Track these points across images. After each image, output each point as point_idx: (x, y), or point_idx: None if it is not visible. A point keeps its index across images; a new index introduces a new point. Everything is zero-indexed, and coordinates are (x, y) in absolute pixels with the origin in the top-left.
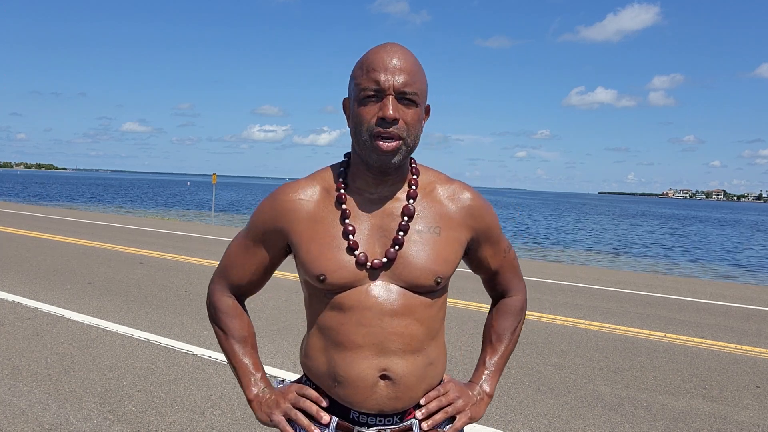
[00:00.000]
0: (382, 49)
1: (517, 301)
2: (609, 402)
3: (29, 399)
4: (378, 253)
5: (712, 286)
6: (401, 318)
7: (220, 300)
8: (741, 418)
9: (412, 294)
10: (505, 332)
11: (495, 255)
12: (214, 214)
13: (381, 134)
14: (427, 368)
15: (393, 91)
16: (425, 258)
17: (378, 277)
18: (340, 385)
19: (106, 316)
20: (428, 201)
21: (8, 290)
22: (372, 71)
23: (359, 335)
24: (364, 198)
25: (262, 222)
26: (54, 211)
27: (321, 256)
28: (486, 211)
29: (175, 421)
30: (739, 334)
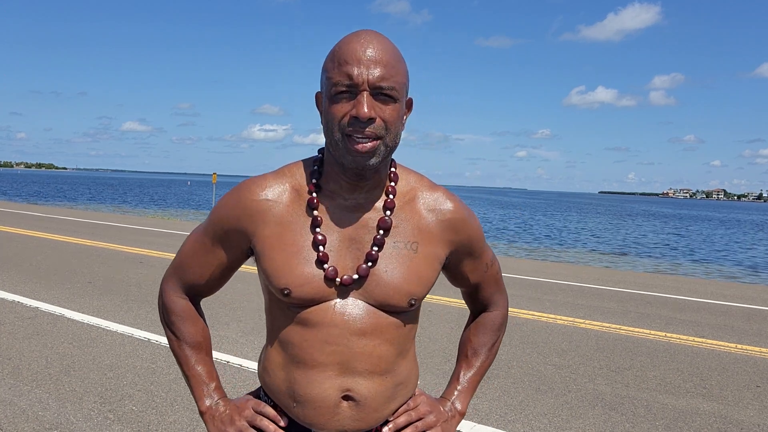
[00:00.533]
0: (355, 38)
1: (498, 316)
2: (609, 401)
3: (29, 398)
4: (349, 268)
5: (712, 285)
6: (369, 338)
7: (173, 301)
8: (741, 417)
9: (383, 313)
10: (482, 348)
11: (476, 269)
12: None
13: (355, 134)
14: (395, 389)
15: (368, 86)
16: (399, 277)
17: (348, 293)
18: (300, 405)
19: (106, 315)
20: (407, 212)
21: (8, 290)
22: (344, 64)
23: (323, 353)
24: (337, 204)
25: (223, 220)
26: (54, 211)
27: (286, 267)
28: (468, 223)
29: (176, 421)
30: (739, 334)
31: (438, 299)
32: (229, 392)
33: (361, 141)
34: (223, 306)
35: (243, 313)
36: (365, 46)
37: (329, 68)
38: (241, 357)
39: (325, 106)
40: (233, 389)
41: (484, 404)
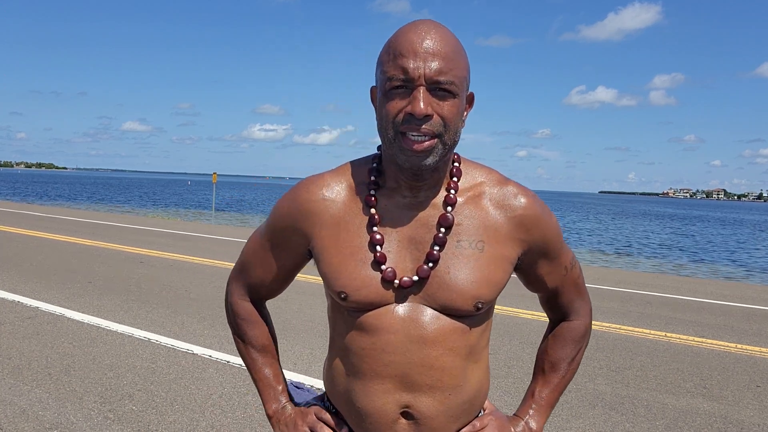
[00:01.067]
0: (412, 29)
1: (580, 326)
2: (609, 401)
3: (29, 398)
4: (408, 270)
5: (712, 285)
6: (432, 347)
7: (237, 304)
8: (741, 417)
9: (447, 318)
10: (562, 361)
11: (553, 272)
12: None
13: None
14: (461, 407)
15: (424, 80)
16: (464, 279)
17: (407, 297)
18: (358, 417)
19: (106, 315)
20: (472, 208)
21: (8, 289)
22: (399, 56)
23: (381, 363)
24: (395, 202)
25: (281, 221)
26: (54, 211)
27: (343, 269)
28: (542, 221)
29: (176, 421)
30: (739, 334)
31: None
32: (229, 393)
33: (416, 139)
34: (223, 306)
35: None
36: (422, 37)
37: (384, 61)
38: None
39: (380, 102)
40: (233, 389)
41: None
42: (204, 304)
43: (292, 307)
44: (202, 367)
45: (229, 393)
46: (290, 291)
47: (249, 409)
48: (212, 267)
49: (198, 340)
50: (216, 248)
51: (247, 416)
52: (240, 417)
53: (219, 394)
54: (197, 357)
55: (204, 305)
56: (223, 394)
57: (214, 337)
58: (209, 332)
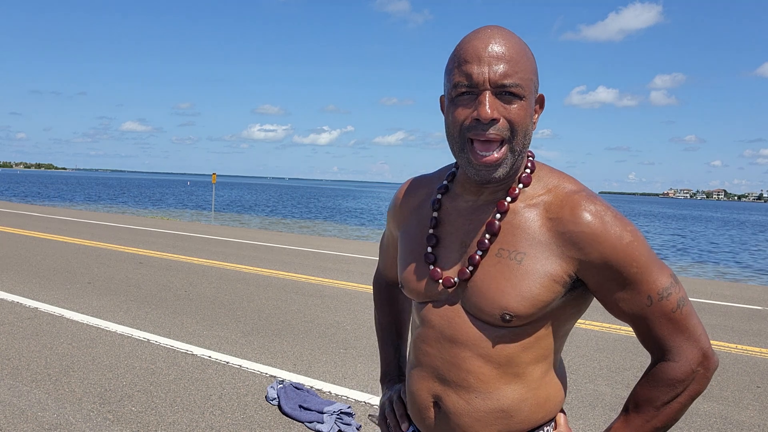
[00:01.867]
0: (475, 35)
1: (676, 368)
2: (609, 402)
3: (29, 399)
4: (453, 272)
5: (712, 285)
6: (461, 348)
7: (374, 287)
8: (741, 418)
9: (481, 324)
10: (648, 404)
11: (630, 300)
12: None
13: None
14: (493, 414)
15: (489, 84)
16: (495, 288)
17: (448, 297)
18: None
19: (105, 316)
20: (525, 218)
21: (8, 290)
22: (464, 63)
23: (421, 353)
24: (458, 205)
25: (388, 215)
26: (53, 211)
27: (404, 262)
28: (605, 239)
29: (175, 421)
30: (739, 334)
31: None
32: (228, 394)
33: (484, 153)
34: (222, 306)
35: (243, 313)
36: (486, 42)
37: (450, 69)
38: (240, 357)
39: (447, 110)
40: (233, 390)
41: None
42: (203, 305)
43: (291, 307)
44: (201, 368)
45: (229, 394)
46: (290, 291)
47: (248, 409)
48: (212, 267)
49: (197, 341)
50: (215, 249)
51: (247, 417)
52: (239, 418)
53: (218, 395)
54: (197, 358)
55: (203, 306)
56: (223, 394)
57: (214, 337)
58: (209, 333)
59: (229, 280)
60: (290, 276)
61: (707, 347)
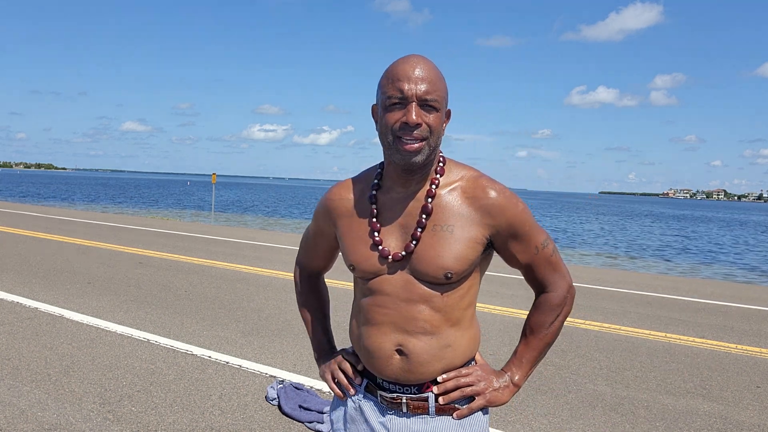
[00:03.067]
0: (405, 61)
1: (554, 297)
2: (609, 402)
3: (29, 399)
4: (398, 248)
5: (712, 285)
6: (415, 304)
7: (299, 276)
8: (741, 418)
9: (426, 284)
10: (540, 327)
11: (524, 251)
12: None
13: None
14: (443, 349)
15: (416, 98)
16: (435, 254)
17: (397, 269)
18: (367, 355)
19: (105, 316)
20: (449, 200)
21: (8, 290)
22: (396, 81)
23: (380, 314)
24: (391, 197)
25: (317, 215)
26: (53, 211)
27: (353, 248)
28: (506, 208)
29: (175, 421)
30: (739, 334)
31: None
32: (228, 394)
33: (409, 142)
34: (222, 306)
35: (243, 313)
36: (413, 66)
37: (384, 84)
38: (240, 357)
39: (381, 115)
40: (233, 390)
41: None
42: (203, 305)
43: (291, 307)
44: (201, 368)
45: (229, 394)
46: (290, 291)
47: (248, 409)
48: (212, 267)
49: (197, 341)
50: (215, 249)
51: (247, 417)
52: (239, 418)
53: (218, 395)
54: (196, 358)
55: (203, 306)
56: (223, 394)
57: (214, 337)
58: (208, 333)
59: (229, 280)
60: (290, 276)
61: (570, 280)
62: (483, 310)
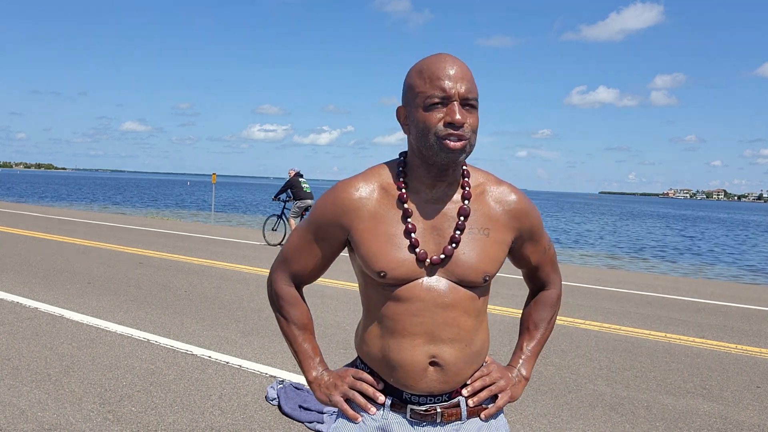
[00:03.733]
0: (440, 60)
1: (554, 294)
2: (609, 402)
3: (29, 399)
4: (432, 251)
5: (712, 285)
6: (451, 310)
7: (283, 289)
8: (741, 418)
9: (462, 288)
10: (542, 321)
11: (536, 252)
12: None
13: (450, 136)
14: (473, 355)
15: (458, 97)
16: (475, 257)
17: (434, 272)
18: (394, 369)
19: (105, 316)
20: (479, 203)
21: (8, 290)
22: (437, 80)
23: (413, 324)
24: (420, 198)
25: (324, 218)
26: (53, 211)
27: (382, 253)
28: (529, 212)
29: (175, 421)
30: (739, 334)
31: None
32: (228, 394)
33: (454, 141)
34: (222, 307)
35: (243, 313)
36: (452, 65)
37: (419, 84)
38: (240, 357)
39: (419, 116)
40: (233, 390)
41: None
42: (203, 305)
43: None
44: (201, 368)
45: (229, 394)
46: None
47: (248, 409)
48: (211, 267)
49: (197, 341)
50: (215, 249)
51: (247, 417)
52: (239, 418)
53: (218, 395)
54: (196, 358)
55: (203, 306)
56: (223, 394)
57: (214, 337)
58: (208, 333)
59: (229, 280)
60: None
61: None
62: None
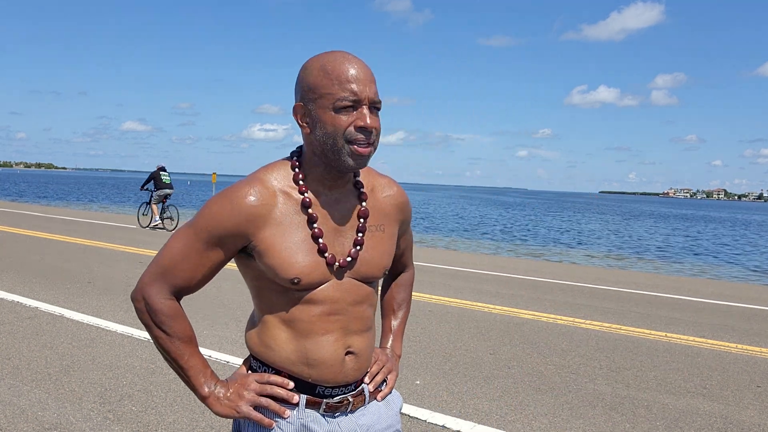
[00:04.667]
0: (346, 59)
1: (411, 275)
2: (610, 401)
3: (29, 398)
4: (339, 253)
5: (713, 285)
6: (360, 305)
7: (162, 303)
8: (741, 417)
9: (366, 284)
10: (404, 302)
11: (406, 239)
12: None
13: (359, 141)
14: (373, 339)
15: (368, 101)
16: (377, 255)
17: (343, 274)
18: (313, 367)
19: (105, 315)
20: (371, 200)
21: (8, 290)
22: (346, 82)
23: (329, 322)
24: (321, 201)
25: (221, 226)
26: (53, 210)
27: (293, 260)
28: (408, 203)
29: (175, 421)
30: (739, 334)
31: (438, 299)
32: None
33: (363, 146)
34: (222, 306)
35: (243, 313)
36: (360, 67)
37: (326, 84)
38: (241, 357)
39: (326, 117)
40: None
41: (484, 404)
42: (203, 305)
43: None
44: None
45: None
46: None
47: None
48: None
49: (198, 341)
50: None
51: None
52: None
53: None
54: None
55: (203, 306)
56: None
57: (214, 337)
58: (208, 332)
59: (229, 279)
60: None
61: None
62: (483, 310)
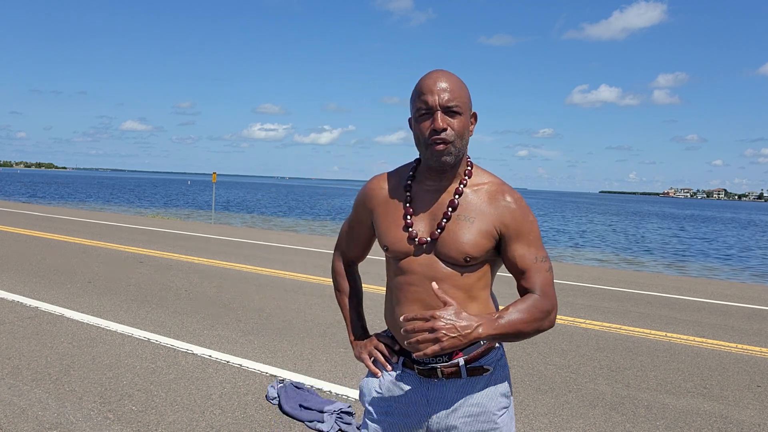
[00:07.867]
0: (428, 77)
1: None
2: (610, 401)
3: (29, 398)
4: (424, 232)
5: (713, 285)
6: (440, 283)
7: (336, 265)
8: (742, 417)
9: (449, 265)
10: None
11: (524, 257)
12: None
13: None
14: None
15: (439, 107)
16: (458, 240)
17: (423, 251)
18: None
19: (106, 315)
20: (473, 197)
21: (8, 289)
22: (422, 95)
23: (410, 292)
24: (423, 188)
25: (357, 203)
26: (54, 210)
27: (387, 231)
28: (519, 214)
29: (175, 421)
30: (740, 334)
31: None
32: (229, 393)
33: (438, 144)
34: (223, 306)
35: (243, 313)
36: (435, 80)
37: (413, 99)
38: (241, 357)
39: (414, 126)
40: (233, 389)
41: None
42: (204, 304)
43: (291, 306)
44: (201, 367)
45: (229, 393)
46: (291, 291)
47: (249, 408)
48: (212, 267)
49: (198, 340)
50: (216, 248)
51: (247, 416)
52: (240, 417)
53: (219, 394)
54: (197, 357)
55: (204, 305)
56: (223, 394)
57: (214, 337)
58: (209, 332)
59: (229, 279)
60: (291, 275)
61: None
62: None
